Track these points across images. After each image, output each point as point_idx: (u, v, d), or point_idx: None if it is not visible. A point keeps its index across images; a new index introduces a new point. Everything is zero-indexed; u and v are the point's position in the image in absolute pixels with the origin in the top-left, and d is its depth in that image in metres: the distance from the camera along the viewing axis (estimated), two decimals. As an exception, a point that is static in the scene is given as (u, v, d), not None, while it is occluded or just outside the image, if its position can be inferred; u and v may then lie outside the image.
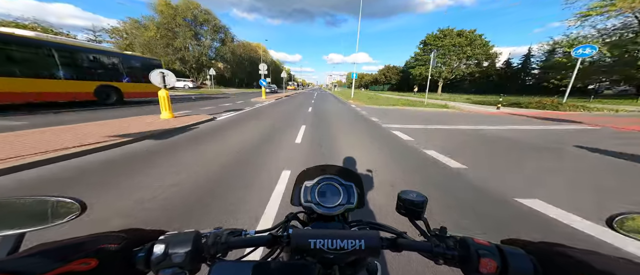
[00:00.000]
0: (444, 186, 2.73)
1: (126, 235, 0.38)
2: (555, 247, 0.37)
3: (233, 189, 2.53)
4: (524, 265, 0.37)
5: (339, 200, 0.63)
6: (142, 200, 2.22)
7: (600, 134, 6.37)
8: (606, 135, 6.09)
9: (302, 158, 3.74)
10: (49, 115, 6.83)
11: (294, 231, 0.43)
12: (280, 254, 0.56)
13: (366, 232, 0.43)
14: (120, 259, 0.35)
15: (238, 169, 3.14)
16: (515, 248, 0.39)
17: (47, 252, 0.30)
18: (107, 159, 3.39)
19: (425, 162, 3.68)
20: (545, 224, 2.01)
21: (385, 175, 3.02)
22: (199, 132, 5.47)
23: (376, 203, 2.29)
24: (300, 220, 0.66)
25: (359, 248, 0.40)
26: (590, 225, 1.96)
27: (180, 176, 2.81)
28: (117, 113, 7.48)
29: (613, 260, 0.32)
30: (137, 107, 9.48)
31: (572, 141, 5.31)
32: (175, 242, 0.38)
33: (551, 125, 7.78)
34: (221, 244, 0.42)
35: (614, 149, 4.55)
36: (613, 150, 4.46)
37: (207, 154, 3.81)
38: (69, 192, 2.43)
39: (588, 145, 4.85)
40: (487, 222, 2.00)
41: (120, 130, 4.88)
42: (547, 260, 0.36)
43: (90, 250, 0.32)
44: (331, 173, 0.69)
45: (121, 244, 0.36)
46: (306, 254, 0.41)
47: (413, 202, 0.52)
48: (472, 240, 0.41)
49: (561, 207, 2.24)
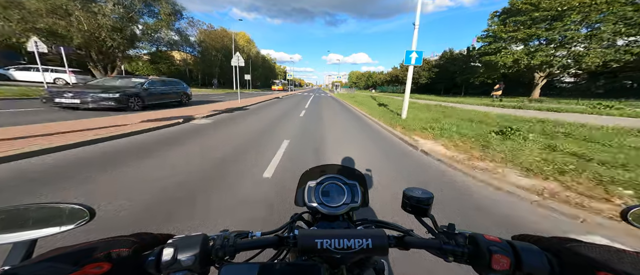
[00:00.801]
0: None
1: (136, 239, 0.38)
2: (569, 242, 0.36)
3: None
4: (538, 261, 0.35)
5: (343, 200, 0.62)
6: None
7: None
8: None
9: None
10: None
11: (300, 232, 0.42)
12: (286, 254, 0.56)
13: (373, 230, 0.43)
14: (132, 263, 0.35)
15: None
16: (528, 244, 0.38)
17: (60, 257, 0.31)
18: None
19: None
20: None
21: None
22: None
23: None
24: (305, 221, 0.66)
25: (366, 247, 0.39)
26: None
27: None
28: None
29: (629, 255, 0.31)
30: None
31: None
32: (183, 245, 0.38)
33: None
34: (229, 247, 0.42)
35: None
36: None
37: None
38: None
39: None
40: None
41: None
42: (561, 255, 0.35)
43: (102, 255, 0.33)
44: (334, 172, 0.69)
45: (132, 248, 0.36)
46: (313, 254, 0.40)
47: (419, 199, 0.51)
48: (482, 237, 0.40)
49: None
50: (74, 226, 0.41)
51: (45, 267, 0.29)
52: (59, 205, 0.43)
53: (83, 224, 0.42)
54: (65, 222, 0.41)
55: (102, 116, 6.62)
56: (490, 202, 2.59)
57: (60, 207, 0.43)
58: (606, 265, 0.30)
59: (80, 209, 0.43)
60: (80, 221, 0.41)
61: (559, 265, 0.35)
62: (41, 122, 5.26)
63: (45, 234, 0.38)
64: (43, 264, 0.29)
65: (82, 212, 0.42)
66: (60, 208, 0.43)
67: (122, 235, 0.38)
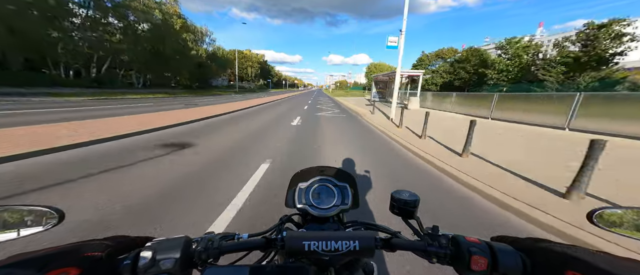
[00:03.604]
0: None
1: (110, 242, 0.36)
2: (542, 242, 0.38)
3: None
4: (512, 261, 0.37)
5: (333, 202, 0.62)
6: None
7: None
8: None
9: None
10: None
11: (288, 234, 0.42)
12: (274, 257, 0.55)
13: (360, 232, 0.43)
14: (104, 267, 0.33)
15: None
16: (504, 245, 0.40)
17: (23, 262, 0.28)
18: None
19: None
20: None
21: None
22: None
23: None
24: (294, 223, 0.65)
25: (353, 249, 0.39)
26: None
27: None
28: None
29: (596, 254, 0.33)
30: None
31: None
32: (163, 248, 0.37)
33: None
34: (213, 249, 0.41)
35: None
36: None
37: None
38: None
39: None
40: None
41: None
42: (534, 255, 0.37)
43: (72, 259, 0.30)
44: (325, 174, 0.68)
45: (105, 251, 0.34)
46: (301, 256, 0.40)
47: (406, 201, 0.52)
48: (463, 238, 0.41)
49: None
50: (41, 229, 0.38)
51: (5, 274, 0.27)
52: (25, 207, 0.40)
53: (50, 227, 0.39)
54: (30, 225, 0.38)
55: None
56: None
57: (27, 210, 0.40)
58: (575, 265, 0.32)
59: (48, 211, 0.40)
60: (47, 225, 0.39)
61: (532, 265, 0.37)
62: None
63: (7, 238, 0.35)
64: (4, 269, 0.27)
65: (50, 214, 0.40)
66: (27, 210, 0.40)
67: (95, 239, 0.36)
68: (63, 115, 7.50)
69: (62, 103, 10.97)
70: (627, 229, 0.43)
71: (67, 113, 8.01)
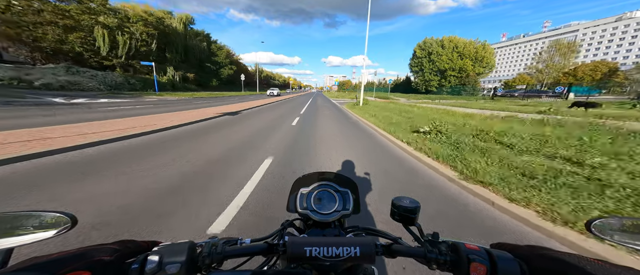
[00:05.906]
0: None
1: (119, 247, 0.38)
2: (541, 250, 0.39)
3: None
4: (511, 268, 0.38)
5: (334, 207, 0.63)
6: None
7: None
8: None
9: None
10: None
11: (290, 239, 0.42)
12: (276, 262, 0.56)
13: (361, 238, 0.44)
14: (114, 271, 0.35)
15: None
16: (503, 252, 0.41)
17: (37, 266, 0.30)
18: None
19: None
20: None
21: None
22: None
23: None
24: (296, 227, 0.66)
25: (354, 255, 0.40)
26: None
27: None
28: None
29: (594, 263, 0.33)
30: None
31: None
32: (169, 252, 0.38)
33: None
34: (216, 254, 0.42)
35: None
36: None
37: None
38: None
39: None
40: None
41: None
42: (533, 263, 0.38)
43: (82, 263, 0.32)
44: (326, 179, 0.69)
45: (114, 256, 0.35)
46: (302, 261, 0.41)
47: (407, 208, 0.52)
48: (463, 245, 0.42)
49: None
50: (55, 234, 0.39)
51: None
52: (38, 213, 0.41)
53: (64, 232, 0.40)
54: (44, 230, 0.39)
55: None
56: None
57: (40, 215, 0.41)
58: (574, 273, 0.32)
59: (61, 217, 0.41)
60: (60, 229, 0.40)
61: (531, 273, 0.37)
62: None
63: (21, 243, 0.37)
64: (18, 273, 0.28)
65: (63, 219, 0.41)
66: (40, 216, 0.41)
67: (104, 243, 0.37)
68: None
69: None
70: (625, 238, 0.43)
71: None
